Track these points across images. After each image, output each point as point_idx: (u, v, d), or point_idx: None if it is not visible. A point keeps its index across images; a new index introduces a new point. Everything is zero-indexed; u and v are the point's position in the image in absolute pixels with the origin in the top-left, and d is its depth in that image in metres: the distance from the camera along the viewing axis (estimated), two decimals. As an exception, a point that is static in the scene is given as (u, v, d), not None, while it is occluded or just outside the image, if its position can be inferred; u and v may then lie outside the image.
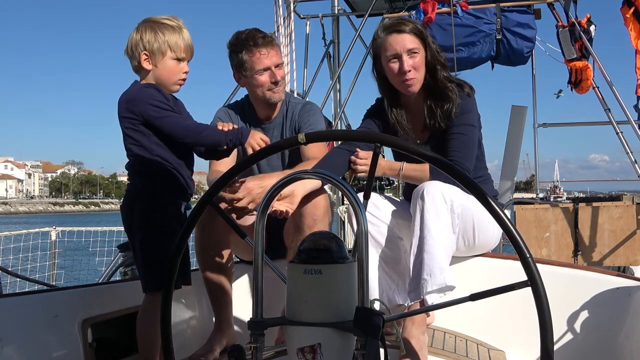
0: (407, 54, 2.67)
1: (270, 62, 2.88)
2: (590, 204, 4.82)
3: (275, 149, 1.68)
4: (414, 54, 2.67)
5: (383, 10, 6.19)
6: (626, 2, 4.92)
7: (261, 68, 2.87)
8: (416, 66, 2.68)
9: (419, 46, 2.69)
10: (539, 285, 1.28)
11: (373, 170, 1.52)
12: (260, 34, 2.89)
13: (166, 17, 2.40)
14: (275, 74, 2.90)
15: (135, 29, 2.38)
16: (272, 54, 2.89)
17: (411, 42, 2.67)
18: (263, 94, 2.93)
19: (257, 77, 2.89)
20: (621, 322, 2.48)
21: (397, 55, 2.68)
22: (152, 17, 2.41)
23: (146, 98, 2.30)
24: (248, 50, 2.86)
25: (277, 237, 2.95)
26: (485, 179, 2.90)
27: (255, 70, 2.88)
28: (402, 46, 2.67)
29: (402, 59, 2.67)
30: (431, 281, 2.32)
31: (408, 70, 2.66)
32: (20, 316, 2.24)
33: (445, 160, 1.46)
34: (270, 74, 2.89)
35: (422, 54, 2.70)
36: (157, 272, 2.27)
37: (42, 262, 9.05)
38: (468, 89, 2.75)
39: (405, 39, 2.68)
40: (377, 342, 1.31)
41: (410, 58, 2.67)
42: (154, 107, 2.29)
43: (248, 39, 2.86)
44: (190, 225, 1.60)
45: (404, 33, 2.68)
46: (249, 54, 2.87)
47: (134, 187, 2.41)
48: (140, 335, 2.34)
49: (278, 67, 2.92)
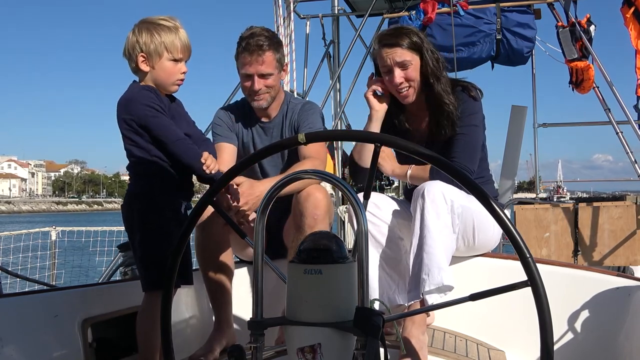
0: (398, 67, 2.69)
1: (254, 71, 2.81)
2: (591, 204, 4.82)
3: (276, 149, 1.68)
4: (406, 66, 2.69)
5: (383, 10, 6.18)
6: (626, 2, 4.92)
7: (243, 73, 2.85)
8: (409, 77, 2.71)
9: (411, 57, 2.69)
10: (539, 285, 1.28)
11: (373, 170, 1.52)
12: (256, 39, 2.79)
13: (162, 18, 2.40)
14: (254, 83, 2.83)
15: (132, 31, 2.38)
16: (257, 64, 2.80)
17: (402, 55, 2.69)
18: (247, 97, 2.94)
19: (242, 81, 2.90)
20: (621, 322, 2.48)
21: (389, 68, 2.72)
22: (148, 18, 2.41)
23: (143, 99, 2.31)
24: (239, 51, 2.85)
25: (277, 237, 2.96)
26: (486, 180, 2.90)
27: (240, 73, 2.88)
28: (392, 60, 2.70)
29: (393, 72, 2.70)
30: (429, 281, 2.33)
31: (399, 83, 2.70)
32: (20, 316, 2.24)
33: (445, 160, 1.46)
34: (250, 82, 2.85)
35: (417, 63, 2.71)
36: (155, 272, 2.28)
37: (42, 262, 9.05)
38: (475, 92, 2.76)
39: (396, 53, 2.69)
40: (377, 342, 1.31)
41: (402, 70, 2.70)
42: (150, 108, 2.30)
43: (243, 40, 2.83)
44: (190, 225, 1.60)
45: (395, 47, 2.69)
46: (238, 56, 2.87)
47: (133, 187, 2.42)
48: (139, 335, 2.34)
49: (264, 76, 2.83)
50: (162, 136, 2.30)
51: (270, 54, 2.82)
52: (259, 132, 3.04)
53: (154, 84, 2.38)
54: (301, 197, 2.63)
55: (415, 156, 1.46)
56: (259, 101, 2.90)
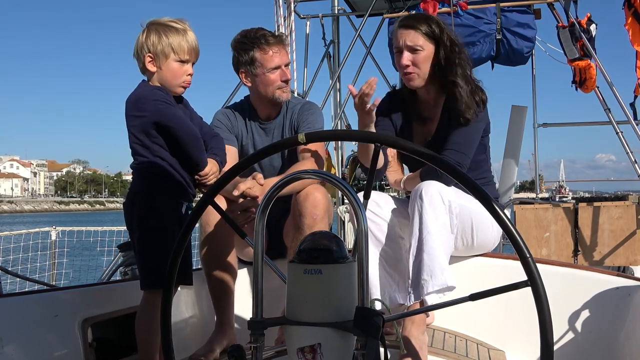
0: (407, 50, 2.69)
1: (281, 61, 2.91)
2: (591, 204, 4.82)
3: (276, 149, 1.68)
4: (415, 51, 2.68)
5: (383, 10, 6.18)
6: (626, 2, 4.91)
7: (272, 66, 2.89)
8: (417, 62, 2.69)
9: (424, 44, 2.68)
10: (539, 285, 1.28)
11: (373, 170, 1.52)
12: (270, 33, 2.93)
13: (172, 20, 2.44)
14: (285, 73, 2.93)
15: (141, 32, 2.42)
16: (283, 53, 2.93)
17: (414, 39, 2.68)
18: (272, 92, 2.94)
19: (268, 75, 2.91)
20: (621, 322, 2.48)
21: (399, 48, 2.72)
22: (158, 19, 2.45)
23: (153, 96, 2.35)
24: (260, 48, 2.88)
25: (277, 237, 2.96)
26: (487, 181, 2.90)
27: (266, 68, 2.89)
28: (404, 41, 2.70)
29: (402, 53, 2.70)
30: (432, 282, 2.33)
31: (406, 65, 2.70)
32: (20, 316, 2.25)
33: (445, 160, 1.46)
34: (281, 73, 2.92)
35: (429, 51, 2.69)
36: (153, 271, 2.29)
37: (42, 262, 9.04)
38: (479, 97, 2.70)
39: (409, 35, 2.69)
40: (377, 342, 1.31)
41: (411, 54, 2.69)
42: (161, 102, 2.34)
43: (260, 37, 2.88)
44: (190, 225, 1.60)
45: (411, 29, 2.69)
46: (261, 52, 2.88)
47: (135, 186, 2.44)
48: (139, 334, 2.34)
49: (287, 66, 2.95)
50: (176, 127, 2.33)
51: (286, 45, 3.00)
52: (259, 132, 3.04)
53: (160, 85, 2.42)
54: (300, 197, 2.63)
55: (415, 156, 1.45)
56: (287, 93, 2.99)
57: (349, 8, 6.81)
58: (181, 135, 2.34)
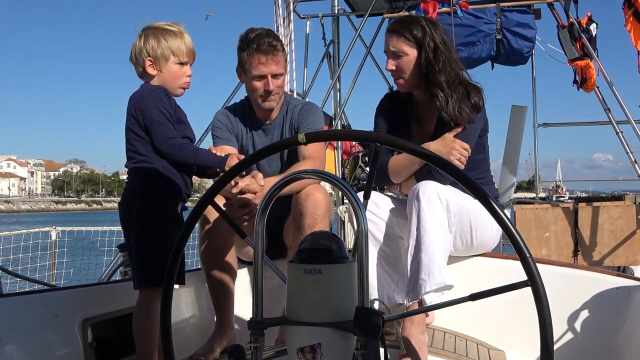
0: (391, 55, 2.72)
1: (268, 71, 2.83)
2: (591, 204, 4.82)
3: (276, 149, 1.68)
4: (399, 56, 2.70)
5: (383, 10, 6.19)
6: (626, 2, 4.91)
7: (257, 74, 2.84)
8: (400, 67, 2.71)
9: (408, 49, 2.68)
10: (539, 285, 1.28)
11: (373, 170, 1.52)
12: (267, 39, 2.81)
13: (167, 24, 2.46)
14: (269, 83, 2.84)
15: (138, 37, 2.43)
16: (272, 64, 2.82)
17: (397, 45, 2.70)
18: (255, 98, 2.92)
19: (251, 82, 2.88)
20: (621, 322, 2.48)
21: (386, 53, 2.76)
22: (153, 24, 2.46)
23: (155, 101, 2.36)
24: (250, 52, 2.83)
25: (277, 237, 2.95)
26: (486, 180, 2.90)
27: (251, 74, 2.86)
28: (388, 47, 2.73)
29: (387, 58, 2.74)
30: (430, 281, 2.33)
31: (390, 70, 2.74)
32: (20, 316, 2.25)
33: (445, 161, 1.46)
34: (265, 83, 2.85)
35: (412, 57, 2.69)
36: (149, 270, 2.29)
37: (42, 262, 9.04)
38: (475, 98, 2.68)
39: (393, 41, 2.71)
40: (377, 342, 1.31)
41: (395, 60, 2.71)
42: (158, 112, 2.34)
43: (253, 41, 2.82)
44: (190, 224, 1.60)
45: (394, 34, 2.71)
46: (249, 57, 2.84)
47: (131, 185, 2.44)
48: (136, 334, 2.34)
49: (276, 77, 2.86)
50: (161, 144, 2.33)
51: (281, 54, 2.87)
52: (259, 133, 3.03)
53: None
54: (301, 197, 2.63)
55: (415, 156, 1.45)
56: (270, 102, 2.91)
57: (349, 8, 6.81)
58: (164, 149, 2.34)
